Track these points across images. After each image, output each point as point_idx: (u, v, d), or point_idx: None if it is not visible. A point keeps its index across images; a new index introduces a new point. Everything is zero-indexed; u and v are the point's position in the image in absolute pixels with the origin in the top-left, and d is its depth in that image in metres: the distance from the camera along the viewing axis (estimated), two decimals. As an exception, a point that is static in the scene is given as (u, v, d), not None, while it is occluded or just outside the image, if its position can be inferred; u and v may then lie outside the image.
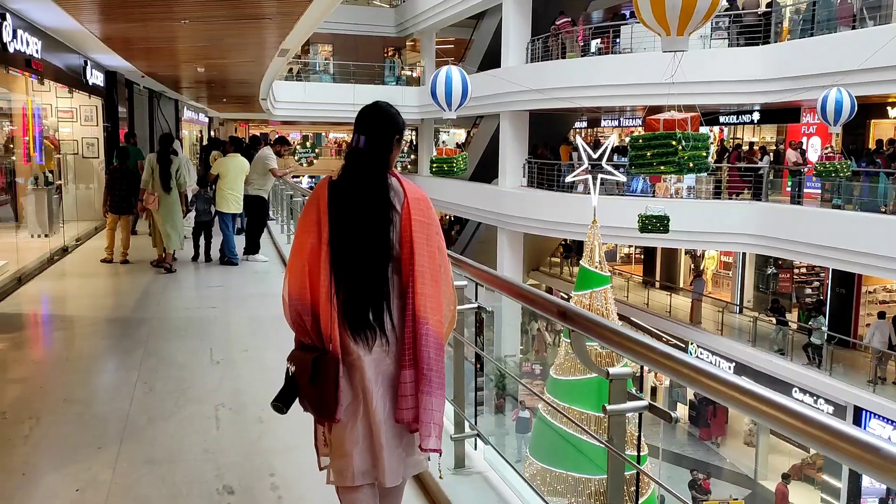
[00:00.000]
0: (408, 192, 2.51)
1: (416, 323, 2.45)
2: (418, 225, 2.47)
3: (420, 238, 2.47)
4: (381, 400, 2.47)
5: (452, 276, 2.68)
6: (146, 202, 9.05)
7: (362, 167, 2.51)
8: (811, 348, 14.51)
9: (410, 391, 2.45)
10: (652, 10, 7.52)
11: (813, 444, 1.60)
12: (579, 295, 9.57)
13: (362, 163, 2.52)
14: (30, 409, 4.51)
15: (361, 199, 2.48)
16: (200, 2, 7.73)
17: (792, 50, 14.26)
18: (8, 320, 6.87)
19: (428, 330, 2.45)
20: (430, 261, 2.48)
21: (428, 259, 2.47)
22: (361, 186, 2.49)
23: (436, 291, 2.49)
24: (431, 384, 2.45)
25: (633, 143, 8.78)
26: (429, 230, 2.50)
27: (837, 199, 14.05)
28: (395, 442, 2.49)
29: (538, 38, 19.19)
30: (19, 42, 8.10)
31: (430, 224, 2.51)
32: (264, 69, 14.01)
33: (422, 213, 2.50)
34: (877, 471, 1.42)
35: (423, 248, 2.47)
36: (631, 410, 2.30)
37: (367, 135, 2.55)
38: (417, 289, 2.45)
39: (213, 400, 4.64)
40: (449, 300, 2.58)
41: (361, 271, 2.47)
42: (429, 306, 2.46)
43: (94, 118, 13.61)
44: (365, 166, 2.51)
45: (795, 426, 1.63)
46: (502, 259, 20.29)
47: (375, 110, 2.60)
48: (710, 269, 22.34)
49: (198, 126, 28.86)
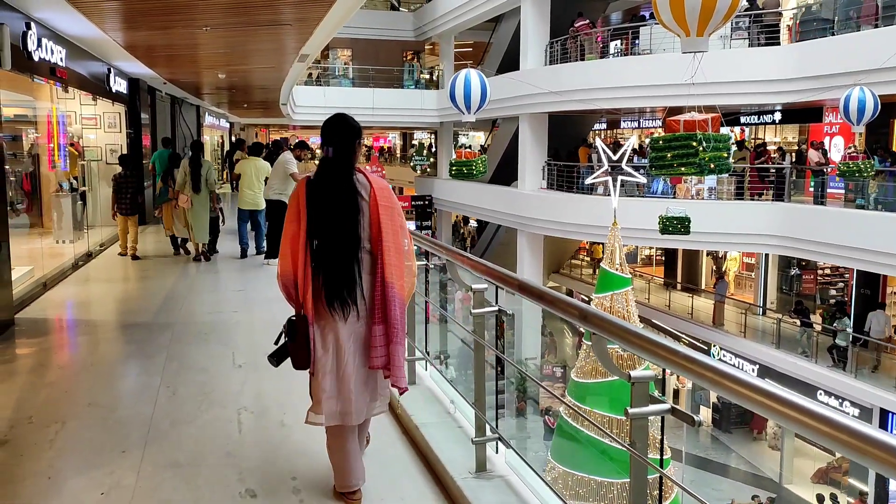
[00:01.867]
0: (373, 183, 3.19)
1: (385, 287, 3.13)
2: (384, 209, 3.16)
3: (385, 219, 3.15)
4: (353, 356, 3.17)
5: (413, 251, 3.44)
6: (180, 202, 10.24)
7: (332, 171, 3.20)
8: (836, 350, 14.32)
9: (381, 343, 3.13)
10: (671, 11, 7.47)
11: (839, 448, 1.57)
12: (600, 297, 9.52)
13: (332, 168, 3.21)
14: (55, 413, 4.57)
15: (332, 195, 3.16)
16: (221, 9, 7.80)
17: (813, 49, 14.10)
18: (34, 325, 6.97)
19: (394, 293, 3.13)
20: (394, 237, 3.16)
21: (392, 235, 3.15)
22: (332, 186, 3.18)
23: (399, 261, 3.17)
24: (398, 336, 3.14)
25: (654, 144, 8.71)
26: (392, 212, 3.18)
27: (861, 200, 13.86)
28: (362, 388, 3.19)
29: (557, 41, 19.15)
30: (44, 51, 8.22)
31: (392, 208, 3.20)
32: (284, 74, 14.11)
33: (385, 199, 3.18)
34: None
35: (388, 227, 3.15)
36: (653, 414, 2.28)
37: (332, 145, 3.22)
38: (385, 259, 3.13)
39: (235, 404, 4.68)
40: (410, 270, 3.28)
41: (335, 254, 3.14)
42: (395, 273, 3.14)
43: (118, 125, 13.79)
44: (334, 170, 3.20)
45: (821, 430, 1.61)
46: (522, 261, 20.24)
47: (337, 123, 3.28)
48: (732, 271, 22.12)
49: (219, 131, 29.14)
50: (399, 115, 27.75)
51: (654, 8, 7.91)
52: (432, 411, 4.26)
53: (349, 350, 3.16)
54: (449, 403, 4.37)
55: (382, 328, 3.14)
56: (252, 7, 7.73)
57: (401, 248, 3.19)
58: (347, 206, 3.14)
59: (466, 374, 9.80)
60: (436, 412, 4.25)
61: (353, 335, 3.17)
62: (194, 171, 10.20)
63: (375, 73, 28.03)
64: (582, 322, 2.56)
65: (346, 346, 3.15)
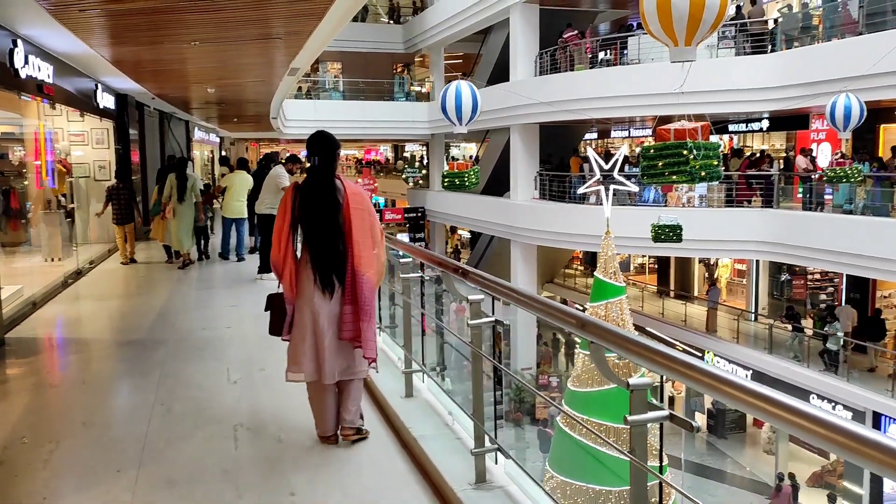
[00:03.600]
0: (347, 189, 3.98)
1: (356, 275, 3.91)
2: (355, 211, 3.94)
3: (356, 219, 3.93)
4: (327, 328, 3.95)
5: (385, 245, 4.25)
6: (166, 213, 11.11)
7: (320, 177, 4.04)
8: (827, 354, 14.38)
9: (349, 319, 3.92)
10: (659, 21, 7.53)
11: (836, 449, 1.60)
12: (594, 306, 9.52)
13: (320, 174, 4.04)
14: (49, 433, 4.52)
15: (320, 195, 3.98)
16: (210, 24, 7.80)
17: (799, 57, 14.23)
18: (24, 345, 6.91)
19: (364, 279, 3.92)
20: (363, 234, 3.93)
21: (361, 233, 3.93)
22: (320, 188, 4.00)
23: (368, 254, 3.96)
24: (368, 315, 3.93)
25: (645, 153, 8.75)
26: (362, 214, 3.97)
27: (848, 206, 13.97)
28: (335, 355, 3.97)
29: (546, 52, 19.25)
30: (31, 68, 8.20)
31: (362, 210, 3.98)
32: (274, 88, 14.10)
33: (357, 203, 3.97)
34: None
35: (359, 226, 3.94)
36: (652, 421, 2.28)
37: (318, 156, 4.06)
38: (355, 252, 3.92)
39: (231, 420, 4.64)
40: (379, 260, 4.07)
41: (324, 244, 3.95)
42: (364, 264, 3.93)
43: (106, 141, 13.74)
44: (321, 176, 4.03)
45: (819, 432, 1.65)
46: (516, 272, 20.25)
47: (321, 139, 4.09)
48: (724, 278, 22.21)
49: (209, 146, 29.08)
50: (390, 128, 27.77)
51: (643, 18, 7.97)
52: (430, 423, 4.24)
53: (324, 323, 3.95)
54: (447, 415, 4.35)
55: (351, 308, 3.91)
56: (241, 21, 7.72)
57: (370, 243, 3.96)
58: (332, 204, 3.95)
59: (463, 384, 9.78)
60: (434, 424, 4.24)
61: (328, 311, 3.96)
62: (180, 183, 11.06)
63: (366, 86, 28.06)
64: (580, 331, 2.56)
65: (321, 320, 3.95)
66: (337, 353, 3.98)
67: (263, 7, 7.05)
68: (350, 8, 7.34)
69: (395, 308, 6.41)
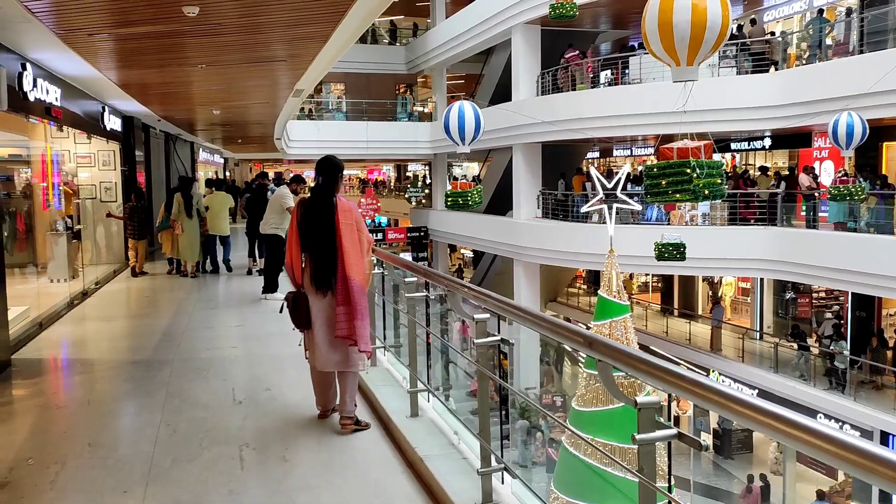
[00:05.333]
0: (339, 206, 4.70)
1: (347, 279, 4.58)
2: (344, 225, 4.65)
3: (345, 231, 4.64)
4: (321, 325, 4.68)
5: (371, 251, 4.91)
6: (175, 229, 12.21)
7: (320, 194, 4.78)
8: (834, 373, 14.31)
9: (343, 318, 4.58)
10: (661, 41, 7.59)
11: (847, 466, 1.59)
12: (599, 325, 9.49)
13: (320, 192, 4.79)
14: (55, 454, 4.52)
15: (316, 210, 4.73)
16: (216, 47, 7.89)
17: (801, 75, 14.31)
18: (30, 366, 6.92)
19: (354, 283, 4.58)
20: (351, 244, 4.63)
21: (350, 243, 4.62)
22: (318, 204, 4.74)
23: (358, 260, 4.63)
24: (361, 314, 4.58)
25: (648, 172, 8.78)
26: (350, 227, 4.66)
27: (852, 223, 13.97)
28: (328, 348, 4.67)
29: (548, 71, 19.38)
30: (39, 91, 8.27)
31: (351, 224, 4.68)
32: (278, 110, 14.22)
33: (346, 217, 4.67)
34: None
35: (348, 236, 4.63)
36: (661, 439, 2.27)
37: (321, 176, 4.82)
38: (346, 260, 4.60)
39: (236, 440, 4.64)
40: (367, 265, 4.77)
41: (319, 250, 4.68)
42: (353, 269, 4.60)
43: (112, 162, 13.81)
44: (321, 194, 4.78)
45: (828, 449, 1.64)
46: (519, 290, 20.24)
47: (324, 162, 4.85)
48: (728, 296, 22.14)
49: (213, 167, 29.24)
50: (393, 148, 27.91)
51: (645, 39, 8.03)
52: (436, 443, 4.24)
53: (318, 320, 4.68)
54: (453, 434, 4.34)
55: (344, 308, 4.57)
56: (247, 45, 7.82)
57: (358, 252, 4.65)
58: (326, 216, 4.67)
59: (467, 403, 9.73)
60: (439, 444, 4.23)
61: (322, 310, 4.67)
62: (187, 201, 12.19)
63: (369, 107, 28.25)
64: (588, 349, 2.56)
65: (316, 317, 4.69)
66: (331, 347, 4.66)
67: (268, 31, 7.15)
68: (353, 32, 7.43)
69: (399, 327, 6.41)
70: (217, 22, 6.53)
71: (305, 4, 6.14)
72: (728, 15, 7.57)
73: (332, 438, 4.65)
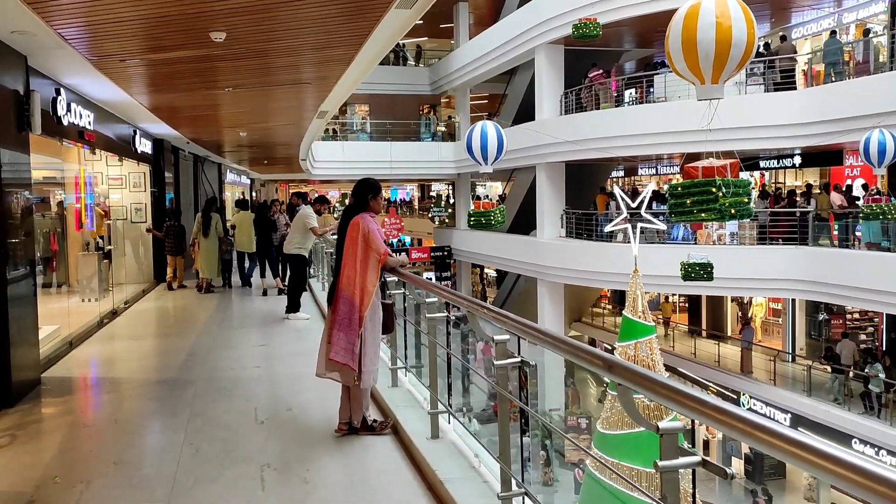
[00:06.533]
0: (351, 222, 5.00)
1: (339, 290, 4.92)
2: (350, 239, 4.96)
3: (348, 247, 4.94)
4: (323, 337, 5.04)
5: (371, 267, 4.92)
6: (195, 247, 13.20)
7: (346, 213, 5.15)
8: (868, 397, 13.97)
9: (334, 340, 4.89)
10: (685, 60, 7.55)
11: (880, 501, 1.52)
12: (623, 346, 9.38)
13: (347, 211, 5.17)
14: (81, 472, 4.56)
15: (340, 228, 5.12)
16: (243, 71, 8.02)
17: (830, 93, 14.15)
18: (59, 384, 7.01)
19: (345, 295, 4.88)
20: (352, 259, 4.90)
21: (350, 258, 4.90)
22: (342, 222, 5.12)
23: (352, 274, 4.87)
24: (342, 325, 4.85)
25: (673, 190, 8.69)
26: (354, 242, 4.92)
27: (885, 242, 13.70)
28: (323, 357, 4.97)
29: (571, 91, 19.38)
30: (73, 115, 8.47)
31: (355, 239, 4.92)
32: (303, 131, 14.38)
33: (352, 230, 4.95)
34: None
35: (349, 252, 4.94)
36: (684, 466, 2.22)
37: (353, 197, 5.17)
38: (343, 272, 4.93)
39: (258, 460, 4.64)
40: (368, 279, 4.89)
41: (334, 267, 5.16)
42: (345, 282, 4.90)
43: (143, 184, 14.07)
44: (347, 212, 5.14)
45: (859, 482, 1.56)
46: (543, 311, 20.11)
47: (357, 184, 5.15)
48: (758, 317, 21.80)
49: (240, 188, 29.60)
50: (417, 168, 28.06)
51: (668, 58, 8.00)
52: (457, 465, 4.20)
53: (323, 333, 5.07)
54: (473, 457, 4.30)
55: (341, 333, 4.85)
56: (272, 68, 7.94)
57: (354, 266, 4.87)
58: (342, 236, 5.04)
59: (490, 427, 9.64)
60: (460, 466, 4.19)
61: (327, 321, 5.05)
62: (205, 222, 13.07)
63: (392, 127, 28.46)
64: (607, 372, 2.53)
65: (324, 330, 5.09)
66: (322, 356, 5.01)
67: (293, 55, 7.25)
68: (376, 54, 7.50)
69: (421, 347, 6.40)
70: (243, 46, 6.64)
71: (329, 28, 6.22)
72: (753, 32, 7.50)
73: (354, 460, 4.64)
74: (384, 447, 4.83)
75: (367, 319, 4.86)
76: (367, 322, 4.87)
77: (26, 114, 6.75)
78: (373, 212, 5.09)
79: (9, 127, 6.41)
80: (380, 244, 4.93)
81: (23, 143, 6.73)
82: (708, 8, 7.42)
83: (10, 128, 6.45)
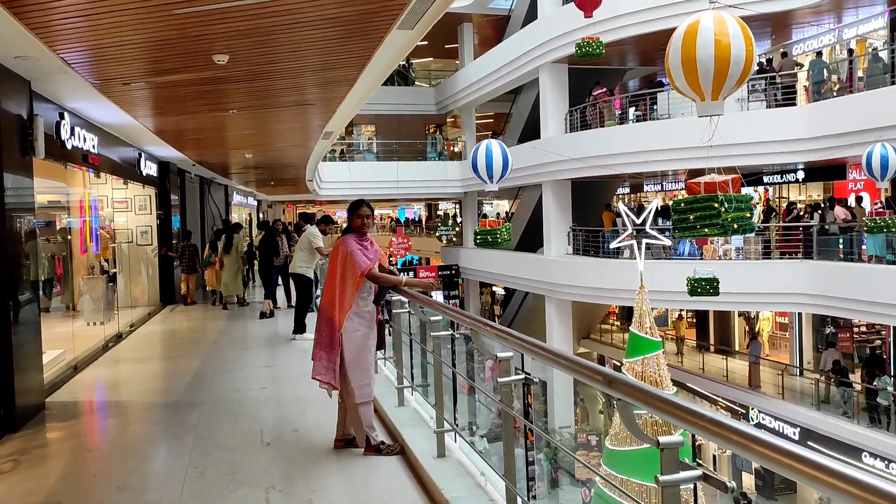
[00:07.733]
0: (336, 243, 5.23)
1: (320, 312, 5.11)
2: (330, 262, 5.13)
3: (330, 268, 5.12)
4: None
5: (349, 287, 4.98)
6: (217, 266, 14.15)
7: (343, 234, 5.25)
8: (875, 409, 13.84)
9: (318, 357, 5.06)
10: (685, 77, 7.58)
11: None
12: (631, 362, 9.35)
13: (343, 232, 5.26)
14: (85, 497, 4.55)
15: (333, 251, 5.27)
16: (247, 93, 8.10)
17: (831, 108, 14.17)
18: (64, 409, 7.01)
19: (324, 316, 5.02)
20: (331, 277, 5.04)
21: (332, 279, 5.03)
22: None
23: (332, 295, 4.99)
24: (320, 344, 5.00)
25: (675, 206, 8.71)
26: (334, 265, 5.07)
27: (890, 255, 13.64)
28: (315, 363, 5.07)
29: (576, 109, 19.47)
30: (77, 139, 8.53)
31: (335, 260, 5.07)
32: (309, 152, 14.46)
33: (333, 255, 5.13)
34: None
35: (330, 271, 5.10)
36: (685, 481, 2.21)
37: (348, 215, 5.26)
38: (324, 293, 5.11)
39: (263, 483, 4.63)
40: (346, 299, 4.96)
41: None
42: (325, 303, 5.04)
43: (148, 207, 14.14)
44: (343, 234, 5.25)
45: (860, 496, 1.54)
46: (551, 328, 20.05)
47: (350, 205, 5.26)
48: (765, 331, 21.67)
49: (246, 209, 29.71)
50: (423, 187, 28.14)
51: (668, 75, 8.04)
52: (463, 485, 4.18)
53: None
54: (479, 476, 4.28)
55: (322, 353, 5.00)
56: (277, 89, 8.01)
57: (333, 287, 4.99)
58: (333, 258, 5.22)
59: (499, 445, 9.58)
60: (466, 486, 4.17)
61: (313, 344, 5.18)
62: (227, 242, 14.00)
63: (399, 147, 28.59)
64: (607, 387, 2.52)
65: None
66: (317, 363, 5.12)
67: (296, 76, 7.31)
68: (380, 75, 7.56)
69: (427, 366, 6.39)
70: (245, 69, 6.70)
71: (331, 50, 6.28)
72: (752, 49, 7.54)
73: (359, 480, 4.62)
74: (390, 466, 4.81)
75: (343, 338, 4.93)
76: (343, 340, 4.93)
77: (30, 138, 6.79)
78: (357, 231, 5.10)
79: (12, 151, 6.44)
80: (357, 264, 4.95)
81: (26, 167, 6.77)
82: (707, 26, 7.48)
83: (14, 152, 6.49)
